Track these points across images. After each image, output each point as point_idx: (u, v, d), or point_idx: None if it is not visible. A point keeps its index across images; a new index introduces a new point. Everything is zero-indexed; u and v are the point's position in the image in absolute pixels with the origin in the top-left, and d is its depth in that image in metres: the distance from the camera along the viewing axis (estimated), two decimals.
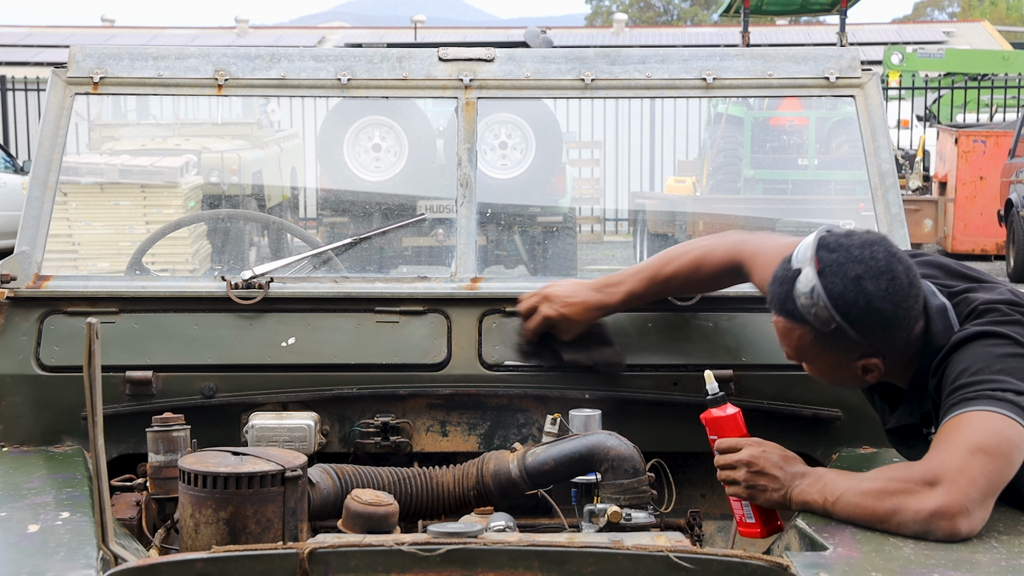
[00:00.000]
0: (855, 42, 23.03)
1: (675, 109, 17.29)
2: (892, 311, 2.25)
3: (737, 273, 2.77)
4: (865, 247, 2.27)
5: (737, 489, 2.34)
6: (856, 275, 2.24)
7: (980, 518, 2.10)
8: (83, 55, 3.10)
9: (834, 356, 2.32)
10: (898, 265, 2.26)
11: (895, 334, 2.28)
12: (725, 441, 2.38)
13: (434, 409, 2.88)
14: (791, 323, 2.32)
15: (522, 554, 1.92)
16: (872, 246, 2.27)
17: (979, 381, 2.18)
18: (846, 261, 2.25)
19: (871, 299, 2.24)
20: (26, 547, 2.10)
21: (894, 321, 2.26)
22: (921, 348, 2.32)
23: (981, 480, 2.09)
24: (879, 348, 2.29)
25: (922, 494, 2.10)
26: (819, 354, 2.34)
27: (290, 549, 1.91)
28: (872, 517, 2.14)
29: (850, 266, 2.25)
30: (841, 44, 16.98)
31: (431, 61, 3.10)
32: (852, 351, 2.30)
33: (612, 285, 2.83)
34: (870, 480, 2.20)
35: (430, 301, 2.92)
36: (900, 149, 16.40)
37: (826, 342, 2.30)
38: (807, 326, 2.29)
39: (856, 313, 2.25)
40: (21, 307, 2.88)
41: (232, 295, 2.90)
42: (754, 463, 2.30)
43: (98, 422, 2.01)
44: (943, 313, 2.33)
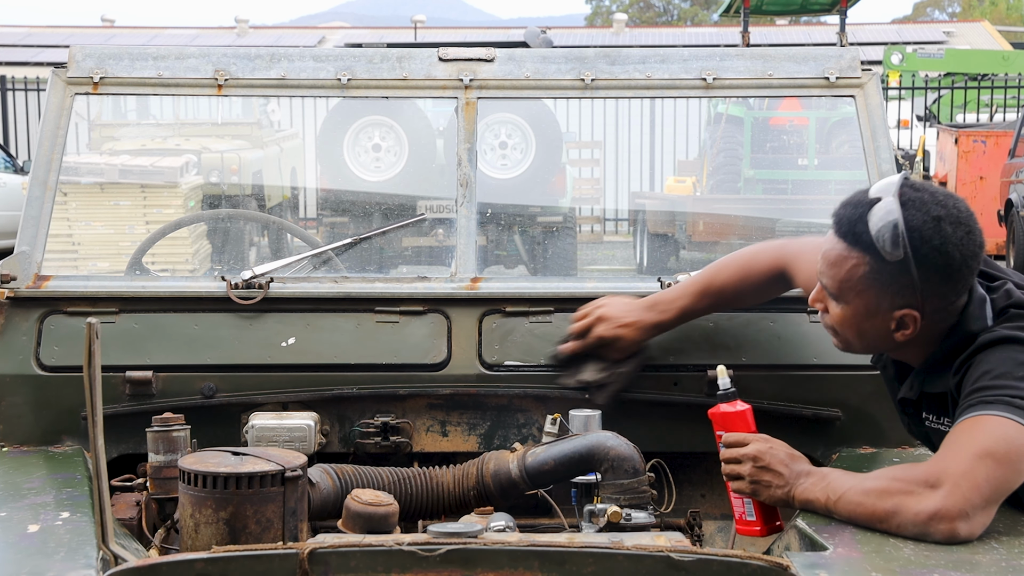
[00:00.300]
0: (855, 42, 23.04)
1: (675, 109, 17.28)
2: (960, 262, 2.22)
3: (783, 278, 2.74)
4: (949, 197, 2.26)
5: (741, 484, 2.34)
6: (937, 216, 2.21)
7: (980, 523, 2.09)
8: (83, 55, 3.10)
9: (878, 298, 2.26)
10: (975, 224, 2.25)
11: (948, 291, 2.24)
12: (733, 435, 2.37)
13: (434, 409, 2.88)
14: (852, 249, 2.26)
15: (522, 554, 1.92)
16: (956, 199, 2.26)
17: (1000, 386, 2.16)
18: (930, 201, 2.23)
19: (946, 242, 2.20)
20: (26, 547, 2.10)
21: (957, 274, 2.23)
22: (950, 328, 2.29)
23: (985, 486, 2.08)
24: (926, 301, 2.24)
25: (922, 495, 2.10)
26: (864, 291, 2.27)
27: (290, 549, 1.91)
28: (872, 517, 2.14)
29: (933, 207, 2.22)
30: (841, 44, 16.98)
31: (431, 61, 3.10)
32: (899, 296, 2.25)
33: (666, 302, 2.79)
34: (872, 480, 2.19)
35: (430, 301, 2.92)
36: (900, 149, 16.42)
37: (880, 277, 2.24)
38: (869, 255, 2.24)
39: (927, 251, 2.21)
40: (21, 307, 2.88)
41: (232, 295, 2.90)
42: (760, 458, 2.30)
43: (98, 422, 2.01)
44: (982, 303, 2.30)
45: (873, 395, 2.82)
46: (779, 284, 2.77)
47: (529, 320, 2.90)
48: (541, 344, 2.88)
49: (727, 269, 2.79)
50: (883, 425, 2.83)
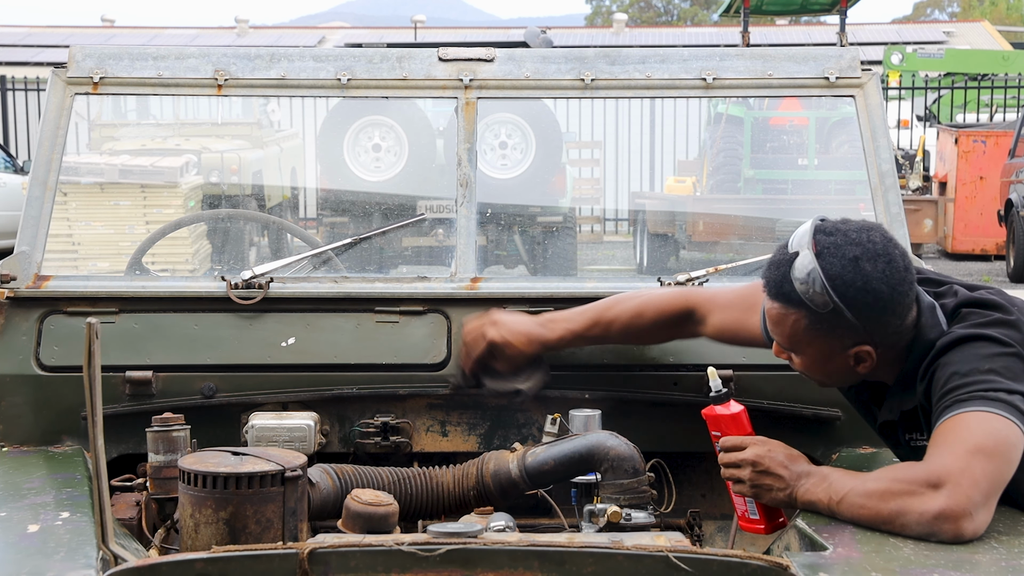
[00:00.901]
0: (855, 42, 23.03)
1: (675, 109, 17.27)
2: (888, 293, 2.26)
3: (685, 319, 2.75)
4: (862, 231, 2.30)
5: (742, 488, 2.34)
6: (854, 256, 2.26)
7: (984, 519, 2.10)
8: (83, 55, 3.10)
9: (827, 343, 2.32)
10: (894, 249, 2.29)
11: (889, 319, 2.29)
12: (730, 439, 2.37)
13: (434, 409, 2.88)
14: (786, 308, 2.32)
15: (522, 554, 1.92)
16: (869, 231, 2.31)
17: (970, 383, 2.19)
18: (844, 243, 2.27)
19: (868, 280, 2.25)
20: (26, 547, 2.10)
21: (890, 304, 2.27)
22: (910, 343, 2.33)
23: (983, 481, 2.09)
24: (873, 334, 2.29)
25: (926, 496, 2.10)
26: (812, 341, 2.33)
27: (290, 549, 1.91)
28: (876, 518, 2.14)
29: (848, 248, 2.26)
30: (841, 44, 16.98)
31: (431, 61, 3.10)
32: (846, 337, 2.30)
33: (554, 321, 2.80)
34: (874, 481, 2.19)
35: (430, 301, 2.92)
36: (900, 149, 16.40)
37: (821, 327, 2.30)
38: (803, 310, 2.29)
39: (853, 294, 2.25)
40: (21, 307, 2.88)
41: (232, 295, 2.90)
42: (759, 462, 2.30)
43: (98, 422, 2.01)
44: (932, 310, 2.34)
45: None
46: (678, 326, 2.78)
47: None
48: None
49: (621, 305, 2.79)
50: None
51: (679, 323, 2.77)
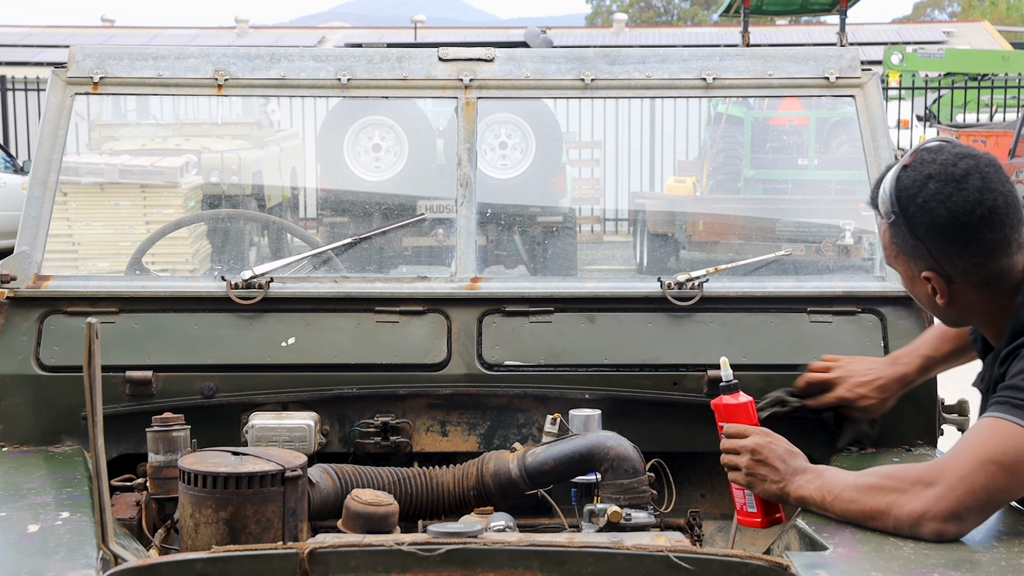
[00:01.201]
0: (855, 42, 23.03)
1: (675, 109, 17.27)
2: (947, 218, 2.18)
3: None
4: (958, 157, 2.22)
5: (737, 475, 2.34)
6: (928, 174, 2.21)
7: (969, 525, 2.08)
8: (83, 55, 3.10)
9: (906, 262, 2.28)
10: (977, 181, 2.19)
11: (959, 249, 2.20)
12: (734, 426, 2.38)
13: (434, 409, 2.88)
14: (877, 217, 2.32)
15: (522, 554, 1.92)
16: (964, 158, 2.22)
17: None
18: (931, 160, 2.23)
19: (928, 198, 2.19)
20: (26, 547, 2.10)
21: (949, 231, 2.19)
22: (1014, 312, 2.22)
23: (982, 492, 2.06)
24: (940, 262, 2.23)
25: (914, 494, 2.09)
26: (895, 256, 2.30)
27: (290, 549, 1.91)
28: (862, 514, 2.13)
29: (931, 166, 2.22)
30: (841, 44, 16.98)
31: (431, 61, 3.10)
32: (916, 258, 2.25)
33: (907, 353, 2.71)
34: (866, 476, 2.19)
35: (430, 301, 2.92)
36: (900, 149, 16.36)
37: (898, 241, 2.26)
38: (885, 220, 2.28)
39: (913, 210, 2.21)
40: (21, 307, 2.88)
41: (232, 295, 2.90)
42: (758, 451, 2.30)
43: (98, 422, 2.01)
44: None
45: None
46: None
47: (529, 320, 2.90)
48: (541, 344, 2.88)
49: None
50: (883, 425, 2.83)
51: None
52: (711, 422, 2.47)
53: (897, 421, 2.81)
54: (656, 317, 2.91)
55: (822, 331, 2.87)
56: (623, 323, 2.90)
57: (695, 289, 2.91)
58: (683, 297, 2.90)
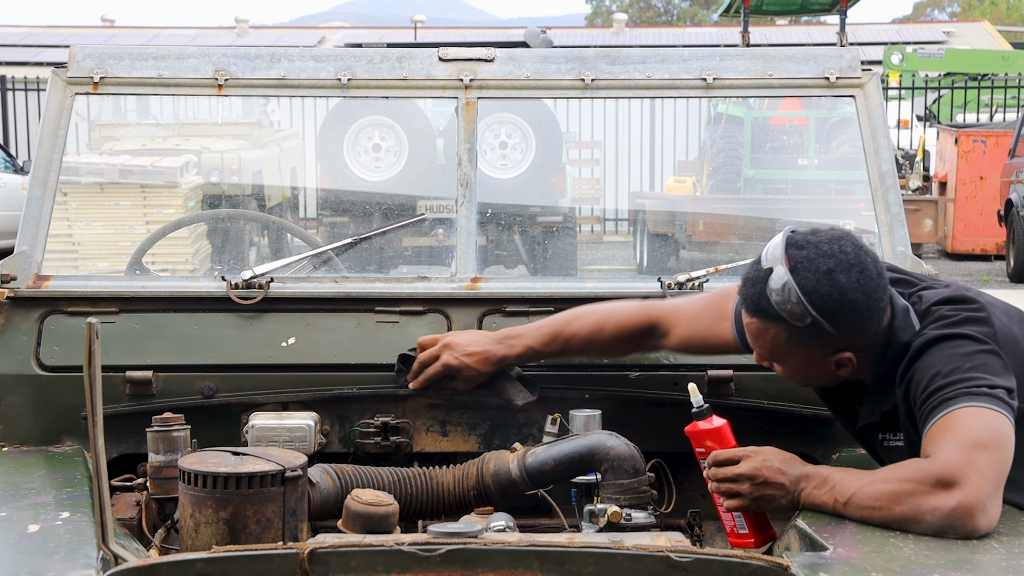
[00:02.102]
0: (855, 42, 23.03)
1: (675, 109, 17.27)
2: (864, 302, 2.29)
3: (647, 334, 2.75)
4: (833, 242, 2.31)
5: (740, 502, 2.31)
6: (828, 269, 2.27)
7: (995, 511, 2.12)
8: (83, 55, 3.10)
9: (808, 353, 2.35)
10: (866, 257, 2.31)
11: (867, 325, 2.31)
12: (722, 453, 2.34)
13: (434, 409, 2.88)
14: (765, 323, 2.34)
15: (522, 554, 1.92)
16: (840, 240, 2.32)
17: (953, 381, 2.21)
18: (816, 256, 2.29)
19: (844, 291, 2.27)
20: (26, 547, 2.10)
21: (866, 312, 2.30)
22: (885, 343, 2.35)
23: (989, 473, 2.11)
24: (852, 341, 2.32)
25: (938, 494, 2.11)
26: (793, 351, 2.35)
27: (290, 549, 1.91)
28: (888, 519, 2.14)
29: (821, 261, 2.28)
30: (841, 44, 16.98)
31: (431, 61, 3.10)
32: (826, 346, 2.33)
33: (513, 337, 2.80)
34: (881, 481, 2.19)
35: (430, 301, 2.92)
36: (900, 149, 16.40)
37: (800, 339, 2.32)
38: (782, 324, 2.31)
39: (830, 306, 2.27)
40: (21, 307, 2.88)
41: (232, 295, 2.90)
42: (758, 475, 2.28)
43: (98, 422, 2.01)
44: (906, 313, 2.37)
45: None
46: (641, 340, 2.78)
47: (529, 320, 2.90)
48: None
49: (582, 319, 2.79)
50: None
51: (641, 337, 2.77)
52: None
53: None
54: None
55: None
56: None
57: (695, 289, 2.91)
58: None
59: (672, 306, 2.76)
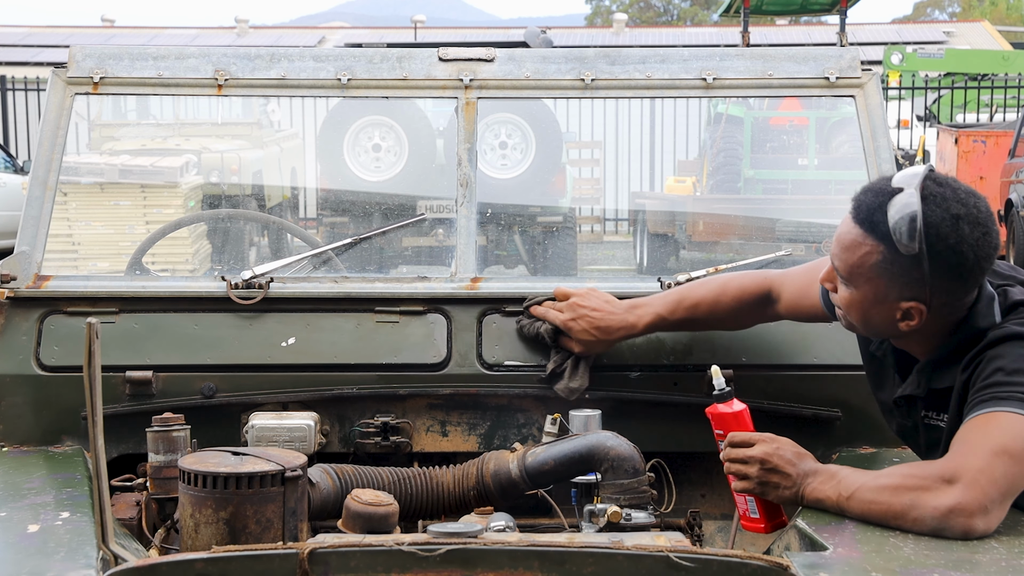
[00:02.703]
0: (855, 42, 23.04)
1: (675, 109, 17.28)
2: (973, 262, 2.22)
3: (765, 299, 2.74)
4: (971, 196, 2.25)
5: (747, 484, 2.32)
6: (957, 214, 2.21)
7: (997, 518, 2.10)
8: (83, 55, 3.10)
9: (886, 287, 2.26)
10: (993, 226, 2.25)
11: (957, 288, 2.24)
12: (739, 435, 2.35)
13: (434, 409, 2.88)
14: (867, 236, 2.25)
15: (522, 554, 1.92)
16: (977, 198, 2.26)
17: (1013, 383, 2.16)
18: (952, 198, 2.22)
19: (962, 241, 2.20)
20: (26, 547, 2.10)
21: (968, 273, 2.23)
22: (957, 323, 2.29)
23: (1002, 481, 2.09)
24: (934, 295, 2.24)
25: (940, 491, 2.10)
26: (874, 279, 2.26)
27: (290, 549, 1.91)
28: (887, 513, 2.13)
29: (954, 204, 2.22)
30: (841, 44, 16.99)
31: (431, 61, 3.10)
32: (908, 288, 2.24)
33: (640, 306, 2.79)
34: (886, 476, 2.19)
35: (430, 301, 2.92)
36: (900, 149, 16.41)
37: (891, 268, 2.24)
38: (884, 244, 2.23)
39: (942, 248, 2.20)
40: (21, 307, 2.88)
41: (232, 295, 2.90)
42: (768, 460, 2.28)
43: (98, 422, 2.01)
44: (991, 300, 2.30)
45: (873, 395, 2.82)
46: (759, 307, 2.77)
47: None
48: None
49: (704, 286, 2.80)
50: (883, 425, 2.83)
51: (759, 304, 2.75)
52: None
53: None
54: None
55: (821, 331, 2.86)
56: None
57: None
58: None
59: (783, 272, 2.74)
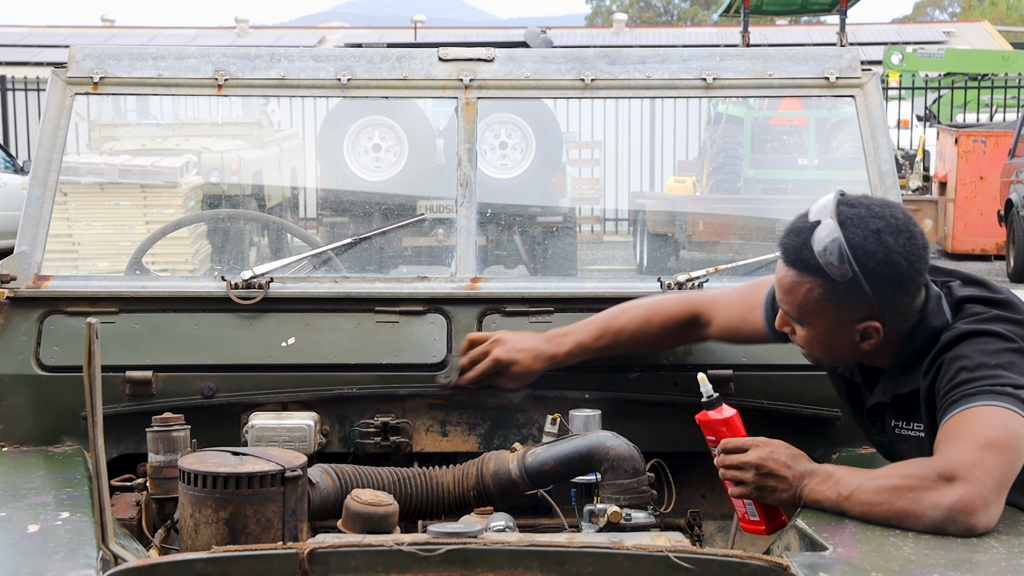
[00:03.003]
0: (855, 42, 23.04)
1: (675, 109, 17.28)
2: (907, 269, 2.27)
3: (692, 324, 2.77)
4: (885, 206, 2.31)
5: (744, 490, 2.33)
6: (877, 228, 2.26)
7: (996, 511, 2.11)
8: (83, 55, 3.10)
9: (838, 315, 2.31)
10: (915, 227, 2.30)
11: (902, 297, 2.29)
12: (732, 441, 2.36)
13: (434, 409, 2.88)
14: (802, 276, 2.31)
15: (522, 554, 1.92)
16: (891, 206, 2.32)
17: (978, 377, 2.20)
18: (867, 215, 2.28)
19: (890, 253, 2.25)
20: (26, 547, 2.10)
21: (907, 280, 2.28)
22: (912, 328, 2.34)
23: (996, 472, 2.11)
24: (884, 310, 2.29)
25: (940, 489, 2.10)
26: (823, 312, 2.32)
27: (290, 549, 1.91)
28: (889, 513, 2.14)
29: (871, 220, 2.27)
30: (841, 44, 16.98)
31: (431, 61, 3.10)
32: (857, 310, 2.30)
33: (561, 335, 2.81)
34: (884, 477, 2.20)
35: (430, 301, 2.92)
36: (900, 149, 16.41)
37: (834, 297, 2.29)
38: (819, 278, 2.28)
39: (874, 265, 2.25)
40: (21, 307, 2.88)
41: (232, 295, 2.90)
42: (763, 465, 2.29)
43: (98, 422, 2.01)
44: (939, 300, 2.36)
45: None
46: (685, 331, 2.79)
47: (529, 320, 2.90)
48: None
49: (628, 313, 2.80)
50: None
51: (686, 328, 2.78)
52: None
53: None
54: None
55: None
56: None
57: (695, 289, 2.91)
58: None
59: (713, 296, 2.77)
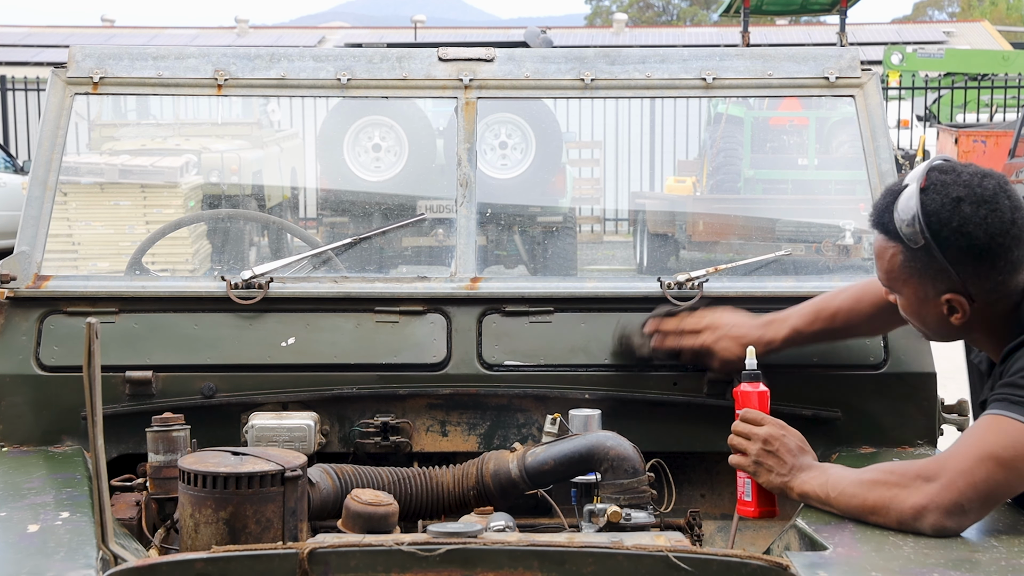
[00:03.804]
0: (855, 42, 23.04)
1: (675, 109, 17.28)
2: (985, 242, 2.17)
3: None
4: (976, 176, 2.22)
5: (743, 460, 2.35)
6: (957, 197, 2.18)
7: (970, 520, 2.09)
8: (83, 55, 3.10)
9: (921, 285, 2.24)
10: (1006, 200, 2.19)
11: (987, 271, 2.19)
12: (752, 412, 2.38)
13: (434, 409, 2.88)
14: (886, 240, 2.26)
15: (522, 554, 1.93)
16: (985, 177, 2.22)
17: None
18: (952, 183, 2.20)
19: (965, 222, 2.17)
20: (26, 547, 2.10)
21: (986, 253, 2.18)
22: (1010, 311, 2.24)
23: (983, 486, 2.08)
24: (967, 283, 2.21)
25: (915, 488, 2.10)
26: (907, 280, 2.26)
27: (290, 549, 1.91)
28: (863, 508, 2.14)
29: (954, 188, 2.19)
30: (841, 44, 16.99)
31: (431, 61, 3.10)
32: (940, 281, 2.22)
33: (780, 321, 2.72)
34: (868, 472, 2.21)
35: (430, 301, 2.92)
36: (900, 149, 16.41)
37: (915, 265, 2.23)
38: (899, 244, 2.23)
39: (948, 234, 2.18)
40: (21, 307, 2.88)
41: (232, 295, 2.90)
42: (771, 442, 2.31)
43: (98, 422, 2.01)
44: None
45: (873, 395, 2.82)
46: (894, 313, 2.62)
47: (529, 320, 2.90)
48: (541, 344, 2.88)
49: (840, 296, 2.71)
50: (883, 425, 2.83)
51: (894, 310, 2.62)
52: (711, 422, 2.48)
53: (897, 421, 2.82)
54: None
55: None
56: (623, 323, 2.89)
57: (695, 289, 2.91)
58: (683, 297, 2.89)
59: None
